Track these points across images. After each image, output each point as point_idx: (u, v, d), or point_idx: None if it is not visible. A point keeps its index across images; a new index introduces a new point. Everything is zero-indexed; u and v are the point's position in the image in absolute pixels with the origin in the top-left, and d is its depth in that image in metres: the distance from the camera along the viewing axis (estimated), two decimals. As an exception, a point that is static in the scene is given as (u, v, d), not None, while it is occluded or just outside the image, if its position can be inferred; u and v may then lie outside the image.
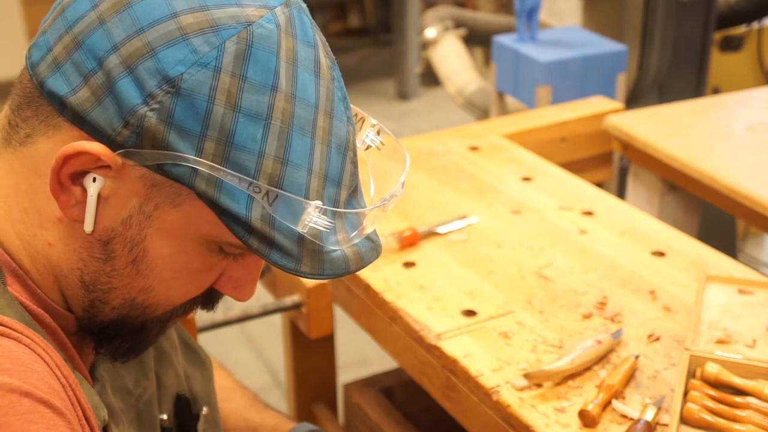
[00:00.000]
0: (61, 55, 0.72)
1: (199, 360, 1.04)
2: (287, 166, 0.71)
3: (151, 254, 0.75)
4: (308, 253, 0.74)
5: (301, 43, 0.74)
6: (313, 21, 0.77)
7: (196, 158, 0.70)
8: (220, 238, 0.75)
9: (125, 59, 0.70)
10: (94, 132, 0.71)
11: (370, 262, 0.79)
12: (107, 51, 0.70)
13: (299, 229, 0.72)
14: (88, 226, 0.73)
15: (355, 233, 0.77)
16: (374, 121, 0.83)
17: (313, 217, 0.72)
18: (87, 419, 0.74)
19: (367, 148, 0.83)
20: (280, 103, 0.71)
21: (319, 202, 0.72)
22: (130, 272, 0.76)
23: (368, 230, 0.78)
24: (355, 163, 0.78)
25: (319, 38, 0.76)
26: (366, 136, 0.83)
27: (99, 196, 0.73)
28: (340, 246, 0.75)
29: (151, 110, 0.69)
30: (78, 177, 0.72)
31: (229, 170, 0.70)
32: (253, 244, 0.72)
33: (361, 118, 0.83)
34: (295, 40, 0.73)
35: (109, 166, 0.71)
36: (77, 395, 0.74)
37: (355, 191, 0.79)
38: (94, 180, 0.72)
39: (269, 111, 0.71)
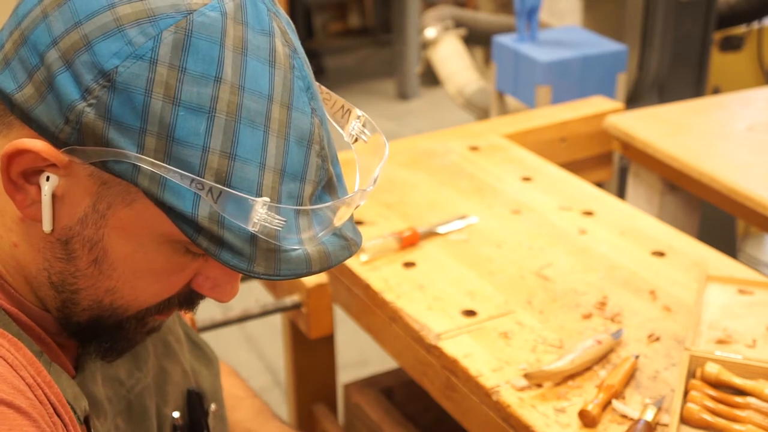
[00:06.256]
0: (10, 52, 0.71)
1: (205, 356, 1.03)
2: (235, 161, 0.68)
3: (111, 254, 0.73)
4: (262, 253, 0.70)
5: (252, 30, 0.70)
6: (274, 8, 0.73)
7: (137, 155, 0.67)
8: (178, 237, 0.71)
9: (63, 53, 0.68)
10: (40, 129, 0.69)
11: (340, 261, 0.74)
12: (47, 45, 0.68)
13: (250, 227, 0.68)
14: (46, 226, 0.72)
15: (323, 231, 0.73)
16: (360, 113, 0.80)
17: (263, 215, 0.68)
18: (59, 415, 0.74)
19: (355, 141, 0.80)
20: (225, 94, 0.68)
21: (267, 199, 0.68)
22: (93, 273, 0.74)
23: (336, 226, 0.74)
24: (323, 157, 0.73)
25: (277, 26, 0.72)
26: (352, 128, 0.80)
27: (54, 195, 0.71)
28: (302, 245, 0.71)
29: (89, 105, 0.67)
30: (31, 176, 0.71)
31: (171, 167, 0.67)
32: (203, 243, 0.69)
33: (347, 110, 0.80)
34: (246, 28, 0.69)
35: (56, 164, 0.69)
36: (47, 393, 0.73)
37: (329, 186, 0.75)
38: (48, 179, 0.70)
39: (212, 103, 0.67)
